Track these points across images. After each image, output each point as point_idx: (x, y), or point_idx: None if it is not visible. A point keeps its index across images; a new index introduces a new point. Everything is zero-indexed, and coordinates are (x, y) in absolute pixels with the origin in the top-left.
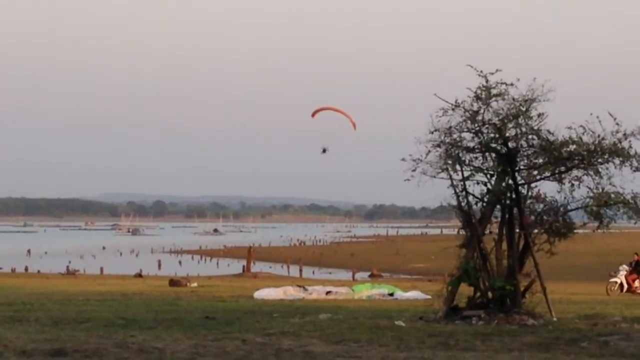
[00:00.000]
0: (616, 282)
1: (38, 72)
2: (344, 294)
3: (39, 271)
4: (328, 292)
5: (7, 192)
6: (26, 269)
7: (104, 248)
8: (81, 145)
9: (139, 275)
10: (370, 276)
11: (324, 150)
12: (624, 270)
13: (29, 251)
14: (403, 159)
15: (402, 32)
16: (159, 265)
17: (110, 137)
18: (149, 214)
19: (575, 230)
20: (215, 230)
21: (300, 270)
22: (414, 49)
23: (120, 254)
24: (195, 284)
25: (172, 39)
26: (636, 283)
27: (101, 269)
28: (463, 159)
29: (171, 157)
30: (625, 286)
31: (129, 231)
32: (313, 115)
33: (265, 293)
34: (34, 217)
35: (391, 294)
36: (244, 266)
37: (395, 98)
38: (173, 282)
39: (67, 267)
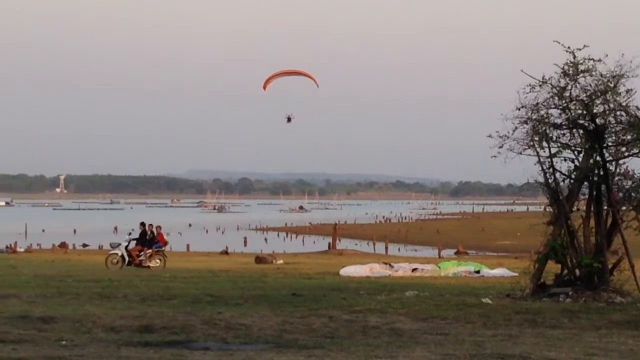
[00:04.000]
0: (117, 255)
1: (121, 50)
2: (430, 271)
3: None
4: (414, 270)
5: (94, 170)
6: None
7: (190, 225)
8: (167, 122)
9: (225, 253)
10: (456, 253)
11: (289, 119)
12: (125, 242)
13: (115, 228)
14: (490, 136)
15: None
16: (245, 243)
17: (197, 114)
18: (235, 191)
19: None
20: (301, 208)
21: (386, 248)
22: (505, 23)
23: (206, 231)
24: (281, 261)
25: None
26: (141, 256)
27: (187, 246)
28: (550, 135)
29: (257, 134)
30: (127, 259)
31: (214, 208)
32: (264, 87)
33: (352, 270)
34: (120, 195)
35: (477, 272)
36: (329, 243)
37: (483, 72)
38: (259, 259)
39: None
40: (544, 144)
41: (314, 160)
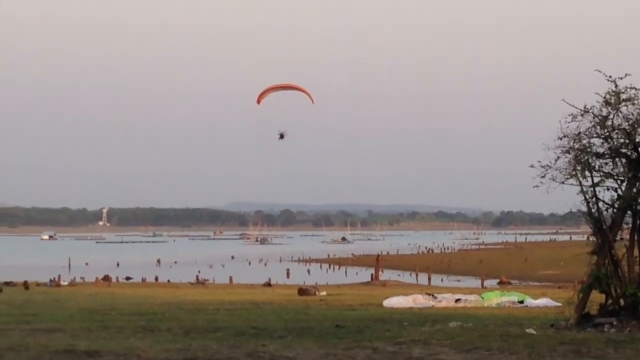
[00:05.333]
0: None
1: (162, 85)
2: (474, 301)
3: (169, 281)
4: (457, 300)
5: (136, 203)
6: (156, 278)
7: (232, 257)
8: (209, 155)
9: (268, 284)
10: (499, 283)
11: (282, 136)
12: None
13: (158, 261)
14: (532, 166)
15: (529, 29)
16: (288, 274)
17: (238, 146)
18: (277, 223)
19: None
20: (344, 239)
21: (429, 278)
22: (546, 52)
23: (249, 263)
24: (324, 293)
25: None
26: None
27: (230, 278)
28: (593, 164)
29: (299, 166)
30: None
31: (257, 240)
32: (259, 101)
33: (395, 301)
34: (162, 227)
35: (521, 302)
36: (372, 274)
37: (525, 101)
38: (302, 291)
39: (197, 276)
40: (587, 173)
41: (356, 191)
